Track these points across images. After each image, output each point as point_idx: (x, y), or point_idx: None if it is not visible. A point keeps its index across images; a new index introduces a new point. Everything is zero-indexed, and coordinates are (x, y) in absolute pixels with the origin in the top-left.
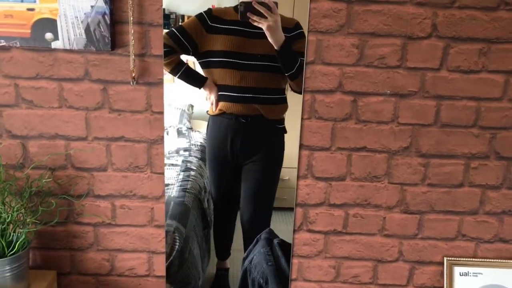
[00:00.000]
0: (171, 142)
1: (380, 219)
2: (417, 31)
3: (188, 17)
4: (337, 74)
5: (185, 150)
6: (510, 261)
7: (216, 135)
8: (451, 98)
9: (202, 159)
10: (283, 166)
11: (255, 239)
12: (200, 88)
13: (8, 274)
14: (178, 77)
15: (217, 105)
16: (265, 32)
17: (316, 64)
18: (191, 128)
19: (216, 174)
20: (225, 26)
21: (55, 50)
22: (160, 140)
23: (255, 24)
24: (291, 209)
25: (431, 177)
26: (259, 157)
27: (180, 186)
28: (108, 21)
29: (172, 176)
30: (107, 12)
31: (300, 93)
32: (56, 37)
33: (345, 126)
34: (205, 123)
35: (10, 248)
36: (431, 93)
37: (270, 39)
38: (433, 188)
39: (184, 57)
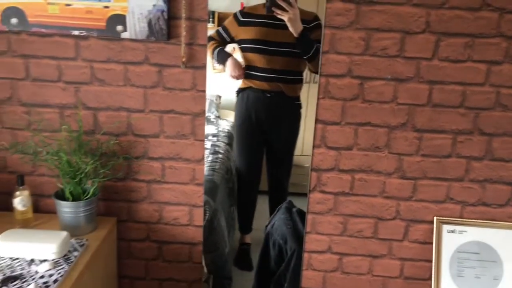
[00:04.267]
0: None
1: (380, 183)
2: (414, 27)
3: (219, 13)
4: (347, 61)
5: (214, 135)
6: (490, 221)
7: (245, 105)
8: (441, 83)
9: (229, 144)
10: (304, 153)
11: (277, 209)
12: (224, 64)
13: (82, 214)
14: (213, 57)
15: (241, 74)
16: (287, 23)
17: (330, 53)
18: (219, 117)
19: (243, 141)
20: (255, 20)
21: (122, 39)
22: (202, 114)
23: (278, 16)
24: None
25: (424, 149)
26: (282, 126)
27: (209, 166)
28: (166, 17)
29: None
30: (165, 9)
31: (316, 73)
32: (125, 29)
33: (353, 105)
34: (231, 113)
35: (85, 195)
36: (425, 79)
37: (290, 29)
38: (426, 158)
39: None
